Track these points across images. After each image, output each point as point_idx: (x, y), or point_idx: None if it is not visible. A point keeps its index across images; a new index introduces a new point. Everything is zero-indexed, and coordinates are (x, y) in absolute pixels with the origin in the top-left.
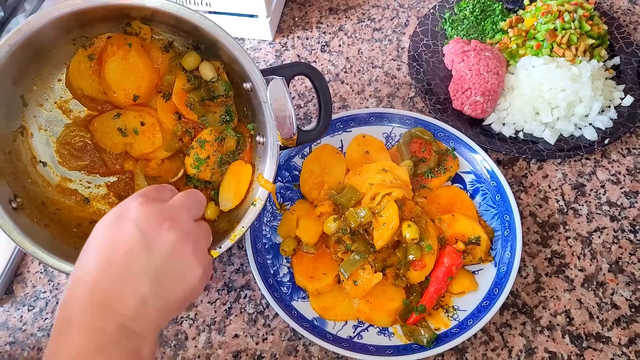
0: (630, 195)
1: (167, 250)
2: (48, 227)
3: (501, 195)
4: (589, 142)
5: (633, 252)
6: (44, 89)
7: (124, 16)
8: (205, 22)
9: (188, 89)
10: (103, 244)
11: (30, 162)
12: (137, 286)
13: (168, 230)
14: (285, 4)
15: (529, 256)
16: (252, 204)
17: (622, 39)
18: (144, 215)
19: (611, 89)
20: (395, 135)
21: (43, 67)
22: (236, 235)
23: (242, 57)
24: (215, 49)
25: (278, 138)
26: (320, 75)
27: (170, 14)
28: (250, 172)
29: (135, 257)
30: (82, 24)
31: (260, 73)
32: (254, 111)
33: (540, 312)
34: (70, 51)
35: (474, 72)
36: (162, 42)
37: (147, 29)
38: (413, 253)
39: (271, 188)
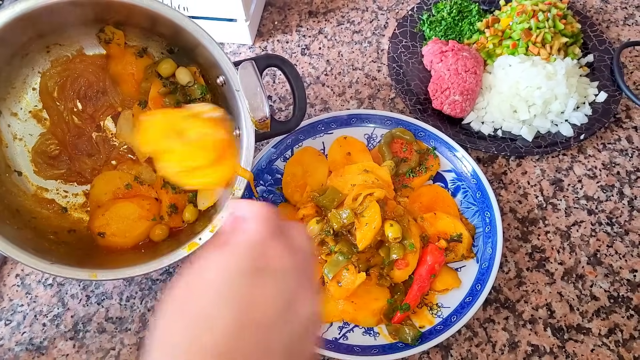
0: (606, 189)
1: (306, 320)
2: (21, 230)
3: (482, 193)
4: (566, 138)
5: (610, 244)
6: (17, 97)
7: (98, 20)
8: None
9: (164, 92)
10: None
11: (5, 171)
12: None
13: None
14: (264, 7)
15: (510, 251)
16: (231, 193)
17: (595, 37)
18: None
19: (585, 86)
20: (376, 136)
21: (17, 75)
22: (215, 225)
23: (210, 44)
24: (190, 48)
25: (252, 121)
26: (292, 66)
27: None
28: None
29: (275, 328)
30: (55, 27)
31: (229, 60)
32: (230, 109)
33: (522, 306)
34: (44, 59)
35: (453, 72)
36: (136, 48)
37: (120, 33)
38: (396, 252)
39: (249, 176)
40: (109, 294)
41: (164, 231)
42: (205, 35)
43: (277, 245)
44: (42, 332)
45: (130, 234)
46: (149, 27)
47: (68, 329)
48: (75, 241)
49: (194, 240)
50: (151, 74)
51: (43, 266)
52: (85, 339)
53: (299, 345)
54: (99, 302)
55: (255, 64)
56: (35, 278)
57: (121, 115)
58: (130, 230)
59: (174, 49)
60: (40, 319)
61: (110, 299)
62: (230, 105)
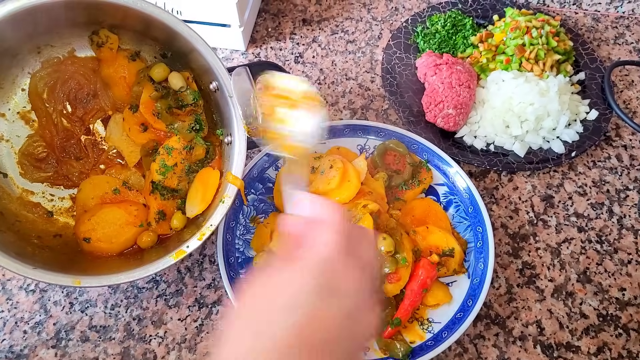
0: (596, 206)
1: (363, 336)
2: (4, 233)
3: (474, 207)
4: (557, 155)
5: (600, 262)
6: (6, 98)
7: (91, 22)
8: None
9: (155, 97)
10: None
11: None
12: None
13: (373, 310)
14: (258, 14)
15: (500, 267)
16: (221, 201)
17: (587, 55)
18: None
19: (577, 103)
20: (369, 147)
21: (6, 75)
22: (204, 233)
23: (207, 52)
24: (183, 53)
25: (244, 128)
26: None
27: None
28: (218, 177)
29: (333, 345)
30: (46, 28)
31: (223, 66)
32: (223, 115)
33: (513, 322)
34: (34, 60)
35: (446, 85)
36: (129, 52)
37: (114, 38)
38: (388, 266)
39: (240, 184)
40: (93, 301)
41: (152, 238)
42: (200, 40)
43: (348, 263)
44: (22, 340)
45: (117, 240)
46: (142, 31)
47: (50, 337)
48: (60, 246)
49: (182, 248)
50: (143, 78)
51: (25, 271)
52: (67, 347)
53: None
54: (83, 309)
55: (249, 70)
56: (16, 284)
57: (111, 119)
58: (117, 236)
59: (167, 53)
60: (21, 326)
61: (95, 306)
62: (223, 111)
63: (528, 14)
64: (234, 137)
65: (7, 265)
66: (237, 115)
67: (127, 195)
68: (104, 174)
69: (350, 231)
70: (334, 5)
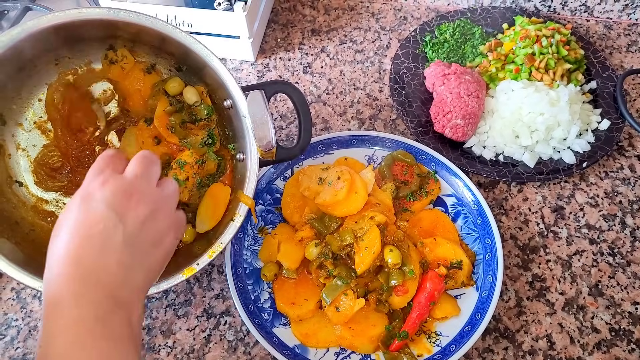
0: (608, 218)
1: (140, 221)
2: (19, 245)
3: (482, 219)
4: (568, 166)
5: (612, 275)
6: (23, 107)
7: (107, 36)
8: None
9: (170, 111)
10: (77, 225)
11: (6, 181)
12: (120, 256)
13: (137, 203)
14: (267, 24)
15: (510, 280)
16: (232, 219)
17: (599, 64)
18: (110, 194)
19: (588, 113)
20: (377, 157)
21: (24, 86)
22: (214, 251)
23: (222, 71)
24: (198, 68)
25: (257, 151)
26: (299, 92)
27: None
28: (229, 193)
29: (112, 231)
30: (64, 42)
31: (239, 88)
32: (235, 131)
33: (522, 336)
34: (52, 71)
35: (455, 95)
36: (145, 65)
37: (130, 59)
38: (395, 278)
39: (250, 203)
40: None
41: None
42: (214, 59)
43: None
44: (36, 348)
45: None
46: (158, 46)
47: None
48: None
49: (192, 265)
50: (158, 91)
51: (40, 285)
52: None
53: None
54: None
55: (264, 91)
56: (30, 292)
57: (126, 131)
58: None
59: (182, 67)
60: (35, 335)
61: None
62: (236, 127)
63: (538, 22)
64: (246, 155)
65: (22, 279)
66: (250, 136)
67: None
68: None
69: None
70: (343, 15)
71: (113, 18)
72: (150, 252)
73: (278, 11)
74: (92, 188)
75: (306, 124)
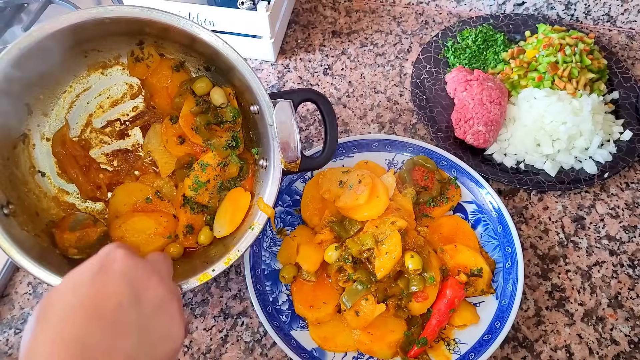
0: (628, 229)
1: (156, 305)
2: (38, 237)
3: (503, 227)
4: (589, 176)
5: (632, 287)
6: (50, 98)
7: (137, 32)
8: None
9: (195, 111)
10: (90, 295)
11: (29, 171)
12: (126, 342)
13: (157, 284)
14: (288, 25)
15: (529, 289)
16: (250, 227)
17: (621, 74)
18: (132, 267)
19: (610, 123)
20: (397, 162)
21: (52, 77)
22: (231, 258)
23: (251, 78)
24: (226, 70)
25: (281, 162)
26: (328, 103)
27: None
28: (249, 200)
29: (126, 311)
30: (93, 37)
31: (268, 95)
32: (260, 135)
33: (541, 346)
34: (81, 63)
35: (477, 101)
36: (174, 62)
37: (156, 57)
38: (415, 284)
39: (270, 213)
40: None
41: (179, 250)
42: (243, 63)
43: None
44: None
45: (144, 249)
46: (188, 44)
47: None
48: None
49: (207, 271)
50: (186, 90)
51: (55, 280)
52: None
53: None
54: None
55: (292, 99)
56: (47, 287)
57: (151, 128)
58: (145, 245)
59: (211, 67)
60: None
61: None
62: (260, 132)
63: (561, 30)
64: (269, 163)
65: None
66: (275, 145)
67: (158, 205)
68: (138, 180)
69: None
70: (364, 18)
71: (144, 17)
72: (157, 345)
73: (299, 12)
74: (112, 257)
75: (332, 135)
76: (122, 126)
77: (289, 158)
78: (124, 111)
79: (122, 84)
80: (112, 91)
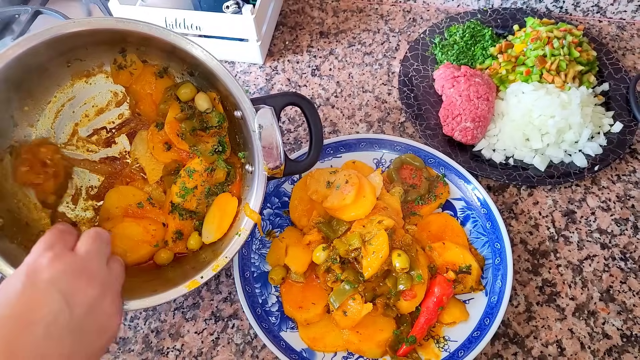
0: (620, 222)
1: (87, 306)
2: (27, 249)
3: (492, 223)
4: (579, 169)
5: (624, 280)
6: (35, 109)
7: (119, 40)
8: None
9: (180, 118)
10: (20, 307)
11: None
12: (61, 347)
13: (87, 284)
14: (275, 27)
15: (519, 284)
16: (237, 234)
17: (611, 65)
18: (59, 273)
19: (600, 116)
20: (385, 161)
21: (36, 88)
22: (219, 265)
23: (232, 85)
24: (209, 76)
25: (264, 169)
26: (311, 105)
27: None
28: (236, 205)
29: (58, 318)
30: (76, 47)
31: (250, 102)
32: (246, 140)
33: (532, 342)
34: (65, 73)
35: (464, 98)
36: (157, 68)
37: (139, 65)
38: (403, 283)
39: (257, 219)
40: None
41: (169, 256)
42: (223, 71)
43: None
44: None
45: (131, 255)
46: (169, 51)
47: None
48: None
49: (196, 278)
50: (170, 96)
51: None
52: None
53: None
54: None
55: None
56: None
57: (137, 135)
58: (132, 251)
59: (195, 72)
60: None
61: None
62: (246, 136)
63: (549, 23)
64: (254, 168)
65: None
66: (258, 152)
67: (149, 212)
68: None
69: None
70: (352, 18)
71: (122, 28)
72: (94, 340)
73: (286, 14)
74: (39, 264)
75: (317, 138)
76: (108, 134)
77: (272, 165)
78: (110, 119)
79: (106, 92)
80: (97, 99)
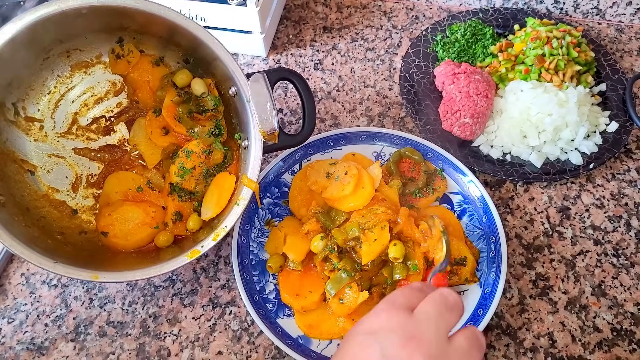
0: (613, 219)
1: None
2: (29, 228)
3: (488, 217)
4: (575, 167)
5: (615, 276)
6: (36, 99)
7: (117, 28)
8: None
9: (177, 101)
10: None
11: (19, 169)
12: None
13: (411, 353)
14: (280, 21)
15: (513, 278)
16: (236, 203)
17: (609, 66)
18: (388, 331)
19: (597, 115)
20: (384, 154)
21: (37, 78)
22: (219, 234)
23: (225, 56)
24: (205, 60)
25: (260, 132)
26: (303, 80)
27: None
28: (234, 182)
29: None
30: (74, 33)
31: (242, 72)
32: (241, 119)
33: (524, 334)
34: (64, 63)
35: (464, 94)
36: (153, 57)
37: (136, 53)
38: (399, 272)
39: (254, 187)
40: (111, 297)
41: (168, 238)
42: (221, 47)
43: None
44: (43, 333)
45: (132, 238)
46: (167, 37)
47: (69, 331)
48: (82, 242)
49: (196, 247)
50: (167, 83)
51: (46, 264)
52: (85, 341)
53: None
54: (102, 305)
55: (266, 76)
56: (40, 278)
57: (136, 122)
58: (132, 234)
59: (190, 59)
60: (43, 319)
61: (113, 302)
62: (241, 116)
63: (549, 24)
64: (250, 141)
65: (30, 258)
66: (254, 119)
67: (148, 195)
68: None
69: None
70: (355, 14)
71: (121, 5)
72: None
73: (291, 8)
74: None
75: (310, 110)
76: (107, 122)
77: (266, 128)
78: (109, 108)
79: (105, 82)
80: (95, 89)
